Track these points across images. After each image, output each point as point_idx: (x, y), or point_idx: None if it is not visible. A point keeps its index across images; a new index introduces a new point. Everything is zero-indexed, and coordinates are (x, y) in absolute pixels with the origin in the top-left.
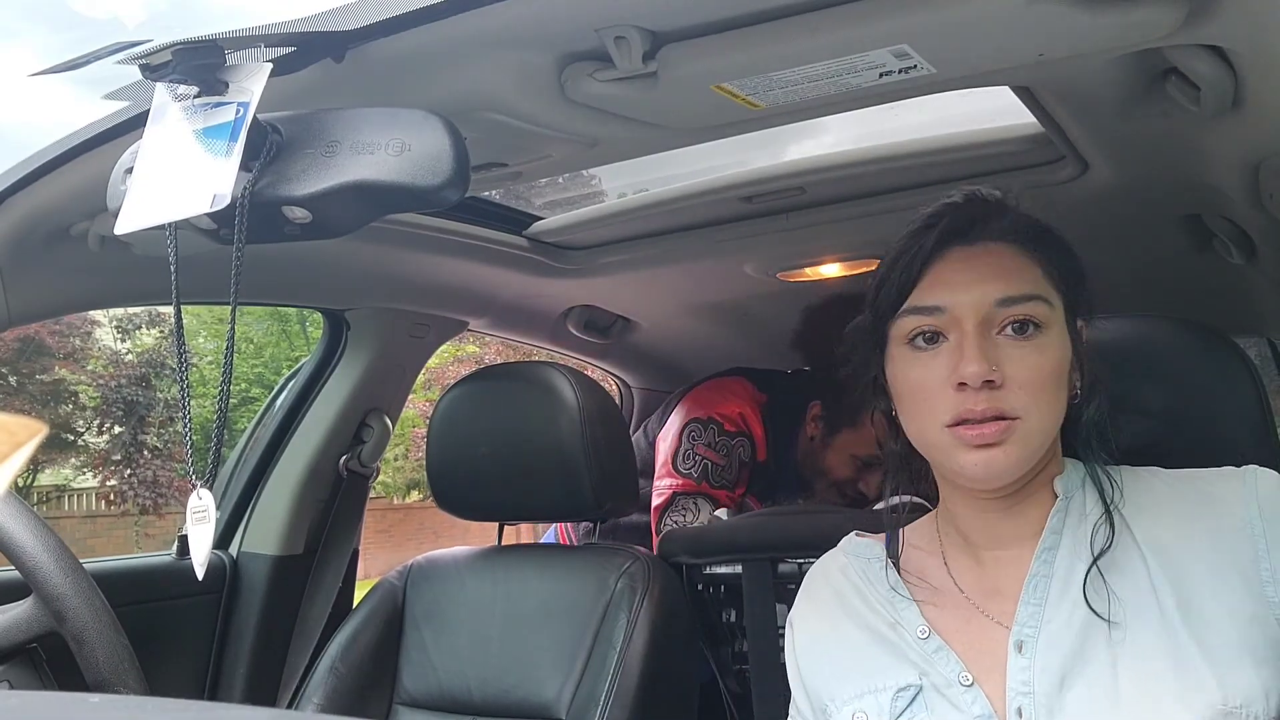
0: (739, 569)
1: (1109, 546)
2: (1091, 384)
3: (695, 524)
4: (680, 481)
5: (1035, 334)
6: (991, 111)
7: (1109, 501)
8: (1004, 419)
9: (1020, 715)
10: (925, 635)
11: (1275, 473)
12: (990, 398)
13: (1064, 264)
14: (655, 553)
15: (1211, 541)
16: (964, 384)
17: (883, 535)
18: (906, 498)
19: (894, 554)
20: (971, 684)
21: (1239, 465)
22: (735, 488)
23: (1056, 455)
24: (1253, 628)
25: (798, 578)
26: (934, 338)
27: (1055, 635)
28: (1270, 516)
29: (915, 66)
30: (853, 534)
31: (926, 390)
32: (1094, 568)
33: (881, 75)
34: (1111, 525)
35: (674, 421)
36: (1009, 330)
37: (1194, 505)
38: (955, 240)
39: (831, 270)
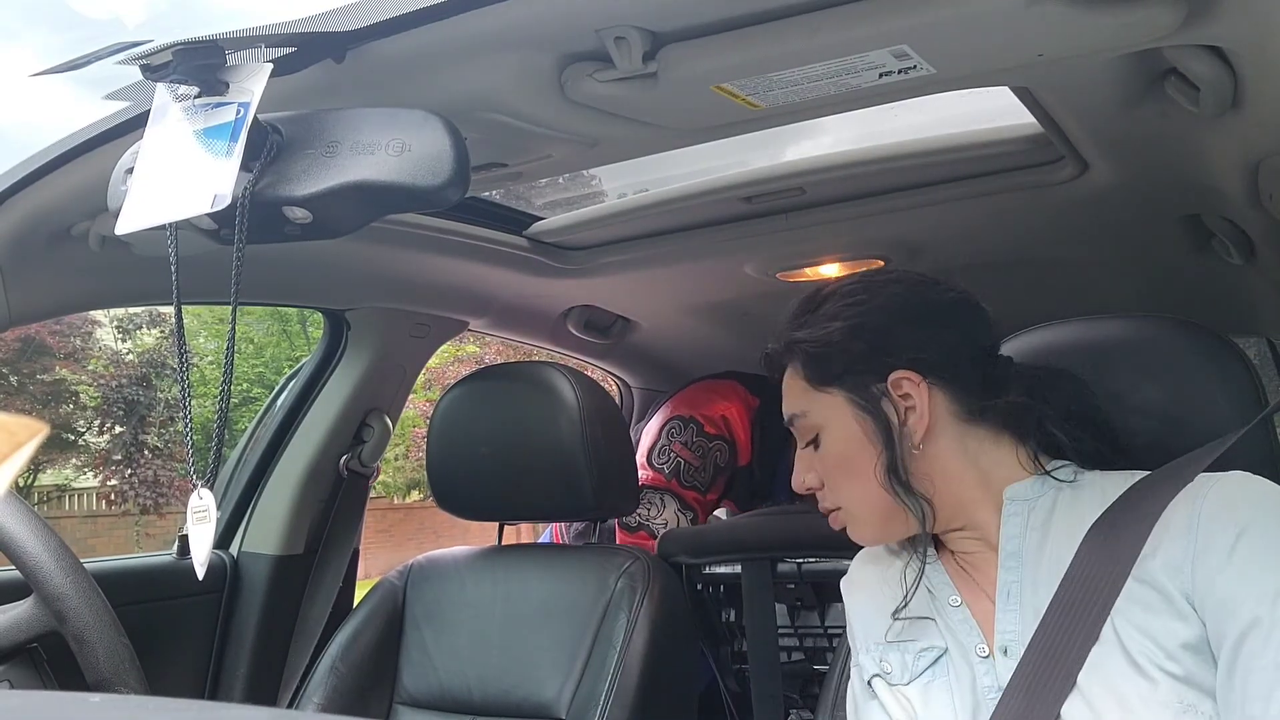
0: (738, 569)
1: (1085, 571)
2: (996, 397)
3: (658, 520)
4: (651, 475)
5: (817, 443)
6: (991, 111)
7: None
8: (832, 509)
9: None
10: (958, 604)
11: (1234, 478)
12: (819, 499)
13: (827, 356)
14: (654, 552)
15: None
16: None
17: None
18: None
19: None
20: (987, 656)
21: (1239, 465)
22: (707, 491)
23: (966, 479)
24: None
25: (797, 577)
26: None
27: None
28: (1206, 521)
29: (915, 67)
30: None
31: (797, 490)
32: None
33: (881, 75)
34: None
35: (658, 416)
36: (806, 444)
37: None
38: (775, 374)
39: (831, 270)
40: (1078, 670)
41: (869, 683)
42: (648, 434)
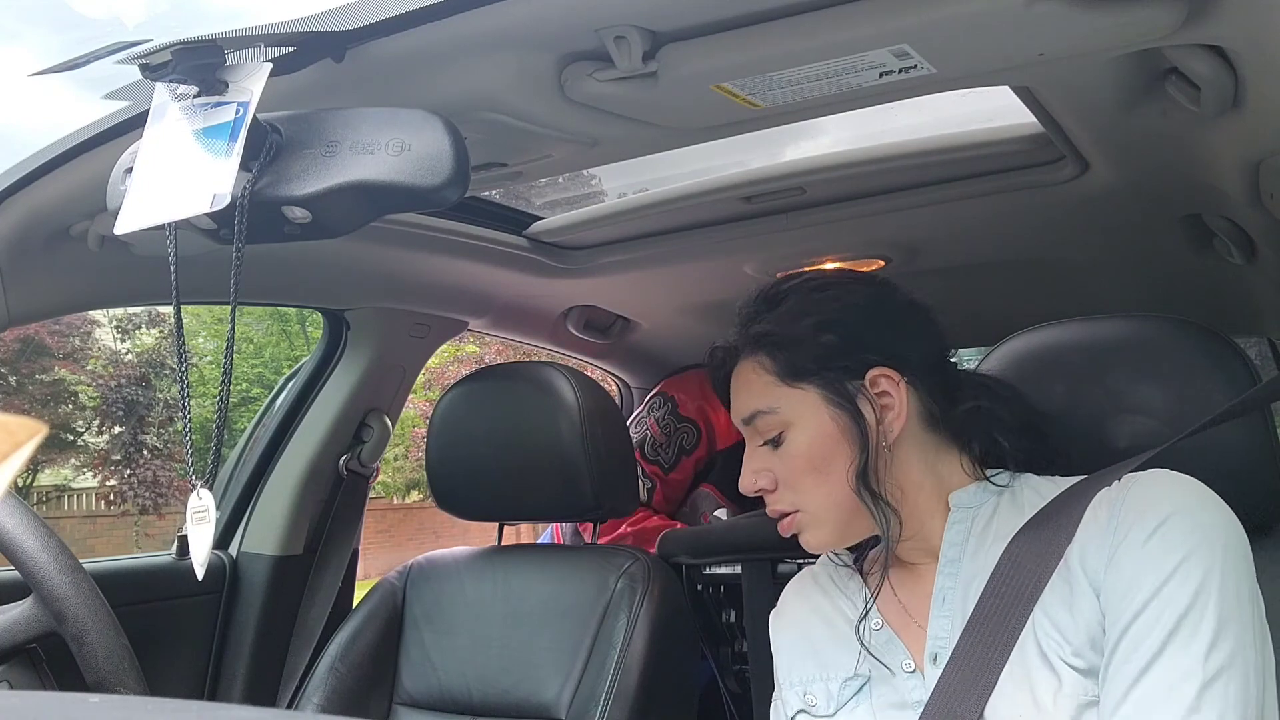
0: (739, 569)
1: (1007, 577)
2: (951, 403)
3: None
4: None
5: (781, 440)
6: (991, 111)
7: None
8: (787, 512)
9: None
10: (879, 627)
11: (1159, 474)
12: (771, 501)
13: (811, 347)
14: (655, 553)
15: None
16: None
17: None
18: None
19: (860, 564)
20: (914, 670)
21: (1238, 465)
22: (670, 470)
23: (930, 484)
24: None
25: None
26: None
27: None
28: (1127, 514)
29: (915, 66)
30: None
31: (744, 492)
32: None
33: (881, 75)
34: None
35: (654, 391)
36: (764, 443)
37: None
38: (725, 367)
39: (831, 270)
40: (999, 671)
41: (793, 719)
42: (639, 405)
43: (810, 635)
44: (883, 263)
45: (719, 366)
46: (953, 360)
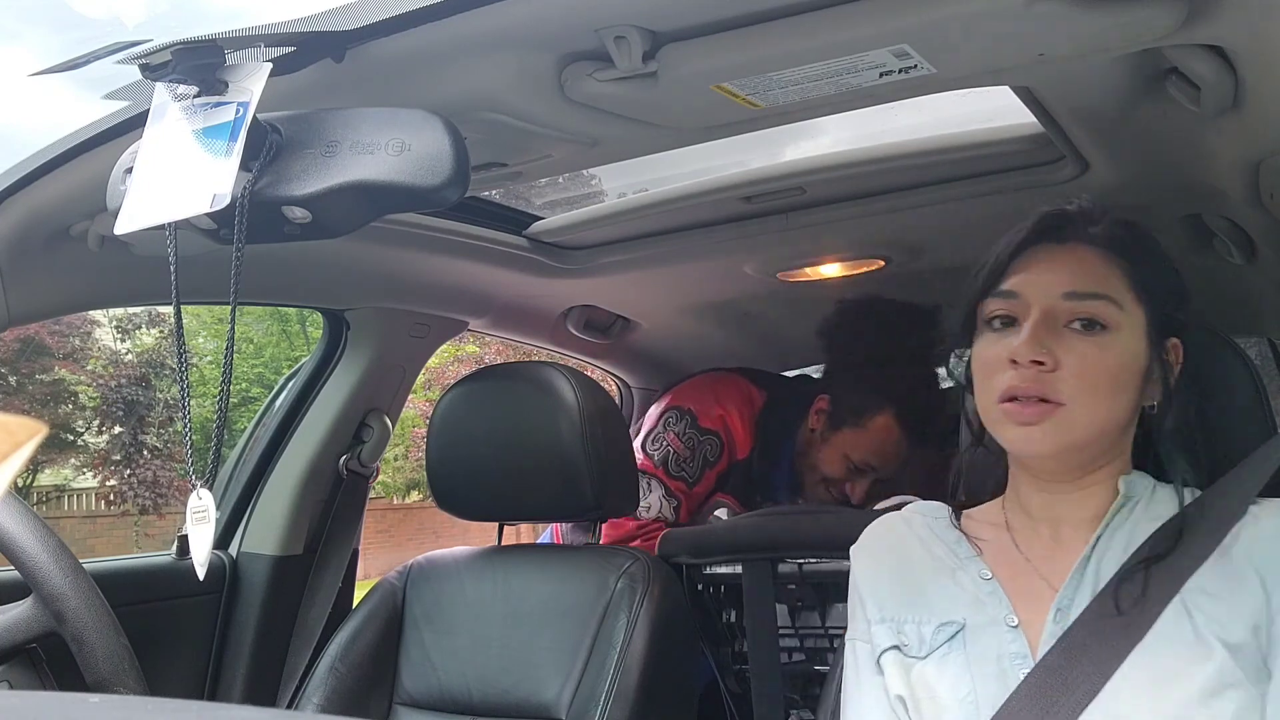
0: (739, 569)
1: (1164, 554)
2: (1168, 399)
3: (642, 505)
4: (642, 460)
5: (1100, 332)
6: (991, 111)
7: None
8: (1048, 402)
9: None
10: (988, 577)
11: None
12: (1038, 379)
13: (1156, 278)
14: (655, 553)
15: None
16: (1015, 361)
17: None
18: (910, 498)
19: (956, 517)
20: (1017, 625)
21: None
22: (695, 484)
23: (1124, 457)
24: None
25: (798, 578)
26: (1010, 322)
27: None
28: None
29: (915, 66)
30: (920, 504)
31: (990, 367)
32: (1140, 566)
33: (881, 75)
34: (1179, 533)
35: (659, 404)
36: (1076, 324)
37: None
38: (1046, 237)
39: (832, 270)
40: (1143, 632)
41: (879, 658)
42: (647, 420)
43: (908, 572)
44: (882, 263)
45: (1042, 234)
46: None
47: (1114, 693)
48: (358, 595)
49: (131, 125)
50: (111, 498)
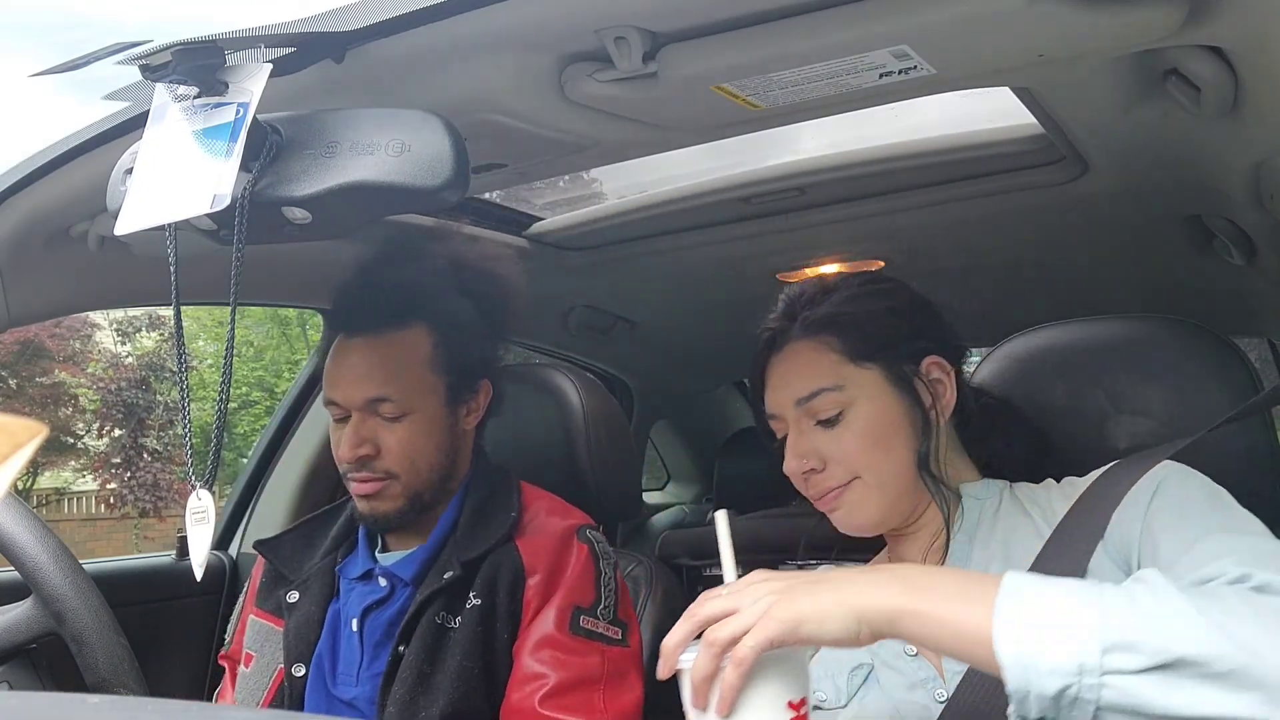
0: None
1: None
2: (963, 410)
3: None
4: None
5: (839, 421)
6: (991, 111)
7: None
8: (836, 487)
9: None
10: None
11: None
12: (816, 482)
13: (873, 331)
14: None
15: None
16: (791, 476)
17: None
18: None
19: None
20: (915, 654)
21: (1239, 466)
22: None
23: (950, 477)
24: None
25: None
26: (782, 432)
27: None
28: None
29: (915, 67)
30: (820, 568)
31: (790, 474)
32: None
33: (881, 76)
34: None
35: None
36: (816, 423)
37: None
38: (771, 351)
39: (831, 270)
40: None
41: None
42: None
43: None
44: (882, 263)
45: (766, 348)
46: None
47: None
48: None
49: (131, 126)
50: (111, 500)
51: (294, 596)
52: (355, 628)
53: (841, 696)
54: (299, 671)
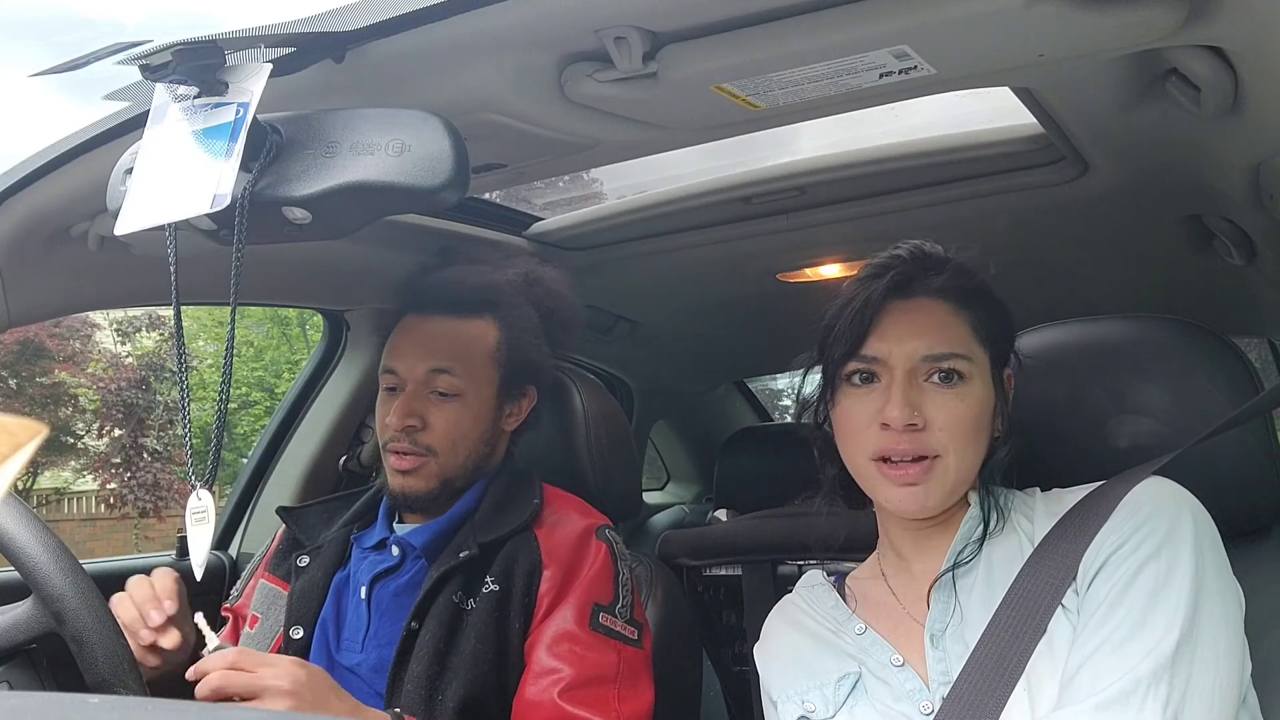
0: (739, 571)
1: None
2: (1009, 430)
3: None
4: None
5: (959, 383)
6: (991, 111)
7: (987, 522)
8: (925, 458)
9: (944, 699)
10: (862, 631)
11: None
12: (913, 439)
13: (992, 321)
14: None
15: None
16: (887, 425)
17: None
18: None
19: (838, 584)
20: (903, 664)
21: (1238, 468)
22: None
23: (973, 479)
24: None
25: (798, 579)
26: (869, 377)
27: (962, 630)
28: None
29: (915, 67)
30: (805, 575)
31: (857, 425)
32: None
33: (881, 76)
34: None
35: None
36: (935, 379)
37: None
38: (895, 295)
39: (831, 271)
40: (1026, 660)
41: None
42: None
43: (798, 651)
44: None
45: (890, 291)
46: None
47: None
48: None
49: (131, 126)
50: (111, 500)
51: (304, 561)
52: (364, 595)
53: (830, 707)
54: (297, 634)
